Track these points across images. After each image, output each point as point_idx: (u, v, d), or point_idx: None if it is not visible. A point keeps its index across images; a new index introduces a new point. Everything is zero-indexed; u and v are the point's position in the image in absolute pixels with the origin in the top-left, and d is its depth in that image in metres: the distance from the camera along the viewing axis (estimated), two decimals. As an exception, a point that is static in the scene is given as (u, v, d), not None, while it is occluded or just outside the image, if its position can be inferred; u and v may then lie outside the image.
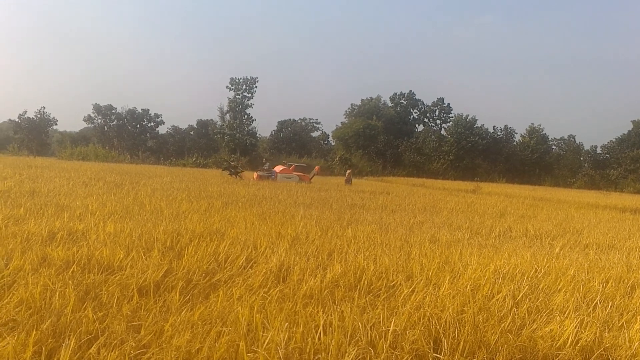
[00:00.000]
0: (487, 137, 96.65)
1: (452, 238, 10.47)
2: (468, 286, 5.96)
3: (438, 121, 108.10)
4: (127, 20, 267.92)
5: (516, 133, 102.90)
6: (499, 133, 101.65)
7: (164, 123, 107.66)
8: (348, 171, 41.94)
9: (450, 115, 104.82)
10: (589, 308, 5.58)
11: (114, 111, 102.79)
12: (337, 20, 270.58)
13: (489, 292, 5.90)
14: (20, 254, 6.21)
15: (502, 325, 4.71)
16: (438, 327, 4.57)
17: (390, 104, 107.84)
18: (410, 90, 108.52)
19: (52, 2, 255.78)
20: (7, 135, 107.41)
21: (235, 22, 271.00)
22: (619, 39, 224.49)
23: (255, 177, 35.25)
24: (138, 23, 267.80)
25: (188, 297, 5.24)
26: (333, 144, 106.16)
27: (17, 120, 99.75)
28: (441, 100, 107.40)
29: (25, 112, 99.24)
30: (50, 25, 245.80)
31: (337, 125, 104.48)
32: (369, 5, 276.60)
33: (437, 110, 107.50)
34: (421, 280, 6.21)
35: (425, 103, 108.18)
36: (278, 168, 38.25)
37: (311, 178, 37.80)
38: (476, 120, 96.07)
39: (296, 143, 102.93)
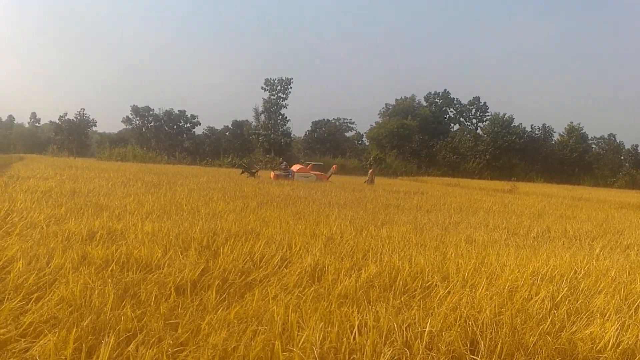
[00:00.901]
0: (525, 136, 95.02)
1: (488, 239, 10.34)
2: (505, 287, 5.88)
3: (474, 120, 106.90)
4: (164, 24, 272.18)
5: (554, 132, 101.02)
6: (536, 132, 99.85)
7: (200, 124, 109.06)
8: (370, 170, 41.02)
9: (487, 114, 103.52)
10: (631, 310, 5.44)
11: (151, 112, 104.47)
12: (370, 20, 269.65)
13: (527, 293, 5.80)
14: (61, 252, 6.36)
15: (541, 327, 4.63)
16: (475, 328, 4.52)
17: (424, 104, 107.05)
18: (445, 89, 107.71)
19: (92, 9, 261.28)
20: (48, 137, 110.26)
21: (270, 23, 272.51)
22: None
23: (272, 176, 35.37)
24: (175, 26, 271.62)
25: (224, 295, 5.29)
26: (367, 143, 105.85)
27: (57, 122, 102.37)
28: (477, 99, 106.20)
29: (66, 114, 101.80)
30: (91, 31, 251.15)
31: (371, 125, 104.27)
32: (402, 4, 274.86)
33: (474, 109, 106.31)
34: (457, 281, 6.16)
35: (461, 102, 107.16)
36: (295, 167, 38.28)
37: (329, 177, 37.64)
38: (513, 119, 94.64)
39: (330, 143, 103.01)
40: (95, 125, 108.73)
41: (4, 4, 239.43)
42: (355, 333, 4.21)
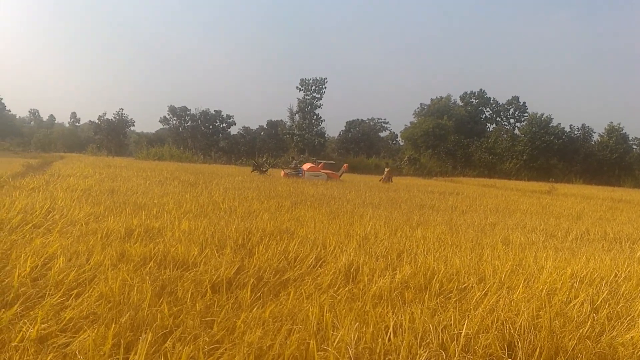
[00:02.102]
0: (563, 136, 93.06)
1: (526, 240, 10.17)
2: (544, 290, 5.77)
3: (512, 120, 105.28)
4: (202, 24, 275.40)
5: (594, 132, 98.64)
6: (575, 132, 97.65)
7: (235, 124, 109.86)
8: (386, 169, 40.22)
9: (525, 114, 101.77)
10: (674, 315, 5.29)
11: (188, 113, 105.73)
12: (406, 20, 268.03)
13: (566, 296, 5.69)
14: (100, 249, 6.49)
15: (580, 331, 4.54)
16: (512, 331, 4.45)
17: (460, 103, 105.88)
18: (481, 89, 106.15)
19: (131, 10, 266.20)
20: (88, 136, 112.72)
21: (305, 23, 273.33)
22: None
23: (282, 174, 35.39)
24: (212, 27, 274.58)
25: (259, 294, 5.33)
26: (402, 144, 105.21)
27: (97, 121, 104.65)
28: (516, 98, 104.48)
29: (105, 113, 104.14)
30: (129, 32, 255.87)
31: (405, 125, 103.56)
32: (438, 3, 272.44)
33: (512, 109, 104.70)
34: (494, 283, 6.07)
35: (498, 102, 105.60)
36: (306, 166, 38.17)
37: (340, 176, 37.39)
38: (552, 119, 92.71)
39: (364, 143, 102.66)
40: (134, 125, 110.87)
41: (46, 6, 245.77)
42: (390, 334, 4.19)
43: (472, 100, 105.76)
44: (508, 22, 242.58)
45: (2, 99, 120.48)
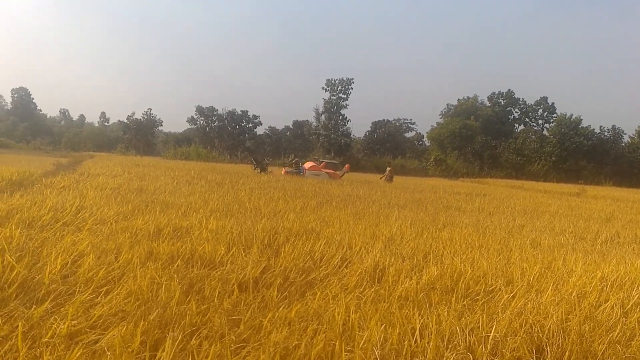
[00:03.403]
0: (593, 137, 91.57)
1: (554, 243, 10.02)
2: (573, 293, 5.68)
3: (540, 121, 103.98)
4: (229, 25, 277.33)
5: (625, 134, 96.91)
6: (605, 134, 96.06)
7: (261, 124, 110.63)
8: (388, 168, 39.68)
9: (554, 114, 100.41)
10: None
11: (215, 113, 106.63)
12: (432, 20, 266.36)
13: (596, 300, 5.59)
14: (129, 247, 6.57)
15: (610, 335, 4.46)
16: (541, 334, 4.39)
17: (487, 104, 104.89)
18: (509, 89, 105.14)
19: (158, 10, 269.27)
20: (117, 136, 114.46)
21: (331, 23, 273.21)
22: None
23: (283, 172, 35.33)
24: (238, 28, 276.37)
25: (285, 294, 5.34)
26: (428, 144, 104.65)
27: (126, 121, 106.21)
28: (544, 99, 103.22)
29: (134, 113, 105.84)
30: (158, 32, 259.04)
31: (432, 126, 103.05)
32: (464, 3, 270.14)
33: (540, 110, 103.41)
34: (522, 285, 5.99)
35: (526, 102, 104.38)
36: (307, 165, 38.07)
37: (342, 176, 37.18)
38: (581, 120, 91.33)
39: (390, 144, 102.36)
40: (162, 125, 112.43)
41: (76, 8, 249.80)
42: (416, 336, 4.17)
43: (500, 100, 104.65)
44: (537, 22, 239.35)
45: (33, 98, 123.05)
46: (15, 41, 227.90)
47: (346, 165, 43.19)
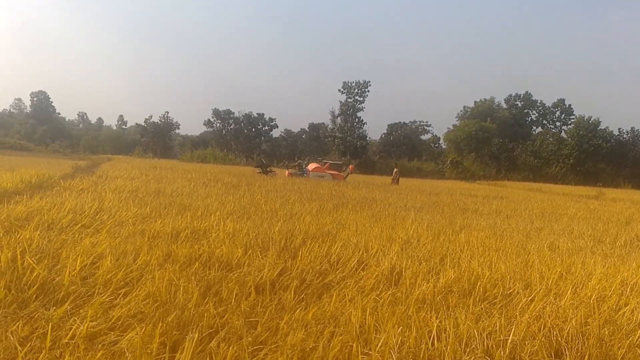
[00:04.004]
0: (612, 140, 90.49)
1: (573, 246, 9.93)
2: (592, 297, 5.62)
3: (558, 123, 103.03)
4: (246, 29, 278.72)
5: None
6: (624, 136, 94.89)
7: (277, 127, 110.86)
8: (395, 170, 39.37)
9: (572, 117, 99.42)
10: None
11: (232, 116, 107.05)
12: (448, 21, 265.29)
13: (615, 304, 5.53)
14: (147, 250, 6.61)
15: (630, 339, 4.41)
16: (560, 338, 4.36)
17: (504, 106, 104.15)
18: (527, 92, 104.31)
19: (174, 14, 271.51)
20: (134, 139, 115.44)
21: (348, 26, 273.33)
22: None
23: (287, 174, 35.27)
24: (255, 31, 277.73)
25: (302, 296, 5.35)
26: (444, 147, 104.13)
27: (143, 124, 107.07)
28: (562, 101, 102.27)
29: (151, 116, 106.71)
30: (175, 37, 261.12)
31: (448, 128, 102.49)
32: (481, 4, 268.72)
33: (558, 112, 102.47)
34: (540, 289, 5.94)
35: (544, 104, 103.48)
36: (311, 166, 37.98)
37: (345, 177, 37.03)
38: (600, 122, 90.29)
39: (406, 146, 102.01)
40: (179, 128, 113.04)
41: (95, 11, 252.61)
42: (434, 339, 4.15)
43: (518, 102, 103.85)
44: (555, 22, 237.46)
45: (52, 102, 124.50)
46: (35, 45, 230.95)
47: (350, 166, 43.15)
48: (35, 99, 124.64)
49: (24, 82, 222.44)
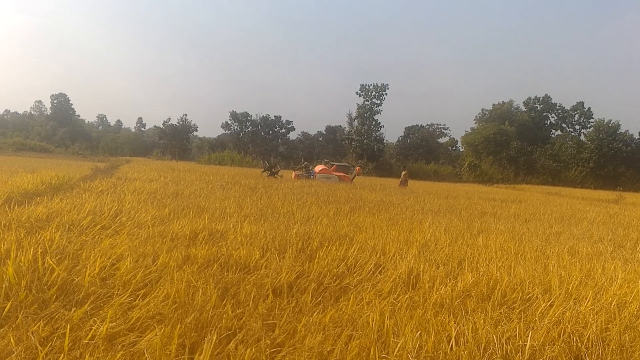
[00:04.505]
0: (632, 143, 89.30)
1: (592, 251, 9.81)
2: (613, 303, 5.55)
3: (577, 126, 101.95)
4: (263, 32, 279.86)
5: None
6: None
7: (294, 129, 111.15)
8: (403, 172, 38.91)
9: (591, 120, 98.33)
10: None
11: (249, 118, 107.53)
12: (466, 24, 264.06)
13: (637, 310, 5.45)
14: (166, 251, 6.66)
15: (652, 346, 4.35)
16: (580, 344, 4.31)
17: (523, 109, 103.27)
18: (546, 94, 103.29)
19: (192, 18, 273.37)
20: (153, 141, 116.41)
21: (365, 28, 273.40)
22: None
23: (293, 176, 35.19)
24: (272, 35, 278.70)
25: (319, 299, 5.35)
26: (462, 150, 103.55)
27: (162, 127, 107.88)
28: (581, 104, 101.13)
29: (169, 119, 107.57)
30: (193, 39, 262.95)
31: (466, 131, 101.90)
32: (499, 4, 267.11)
33: (577, 115, 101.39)
34: (560, 294, 5.88)
35: (564, 107, 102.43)
36: (318, 168, 37.87)
37: (352, 179, 36.84)
38: (619, 125, 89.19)
39: (423, 149, 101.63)
40: (196, 130, 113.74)
41: (114, 16, 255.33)
42: (452, 343, 4.13)
43: (537, 105, 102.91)
44: (575, 25, 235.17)
45: (72, 104, 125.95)
46: (55, 48, 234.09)
47: (357, 168, 43.01)
48: (55, 101, 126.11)
49: (45, 85, 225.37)
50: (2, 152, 59.20)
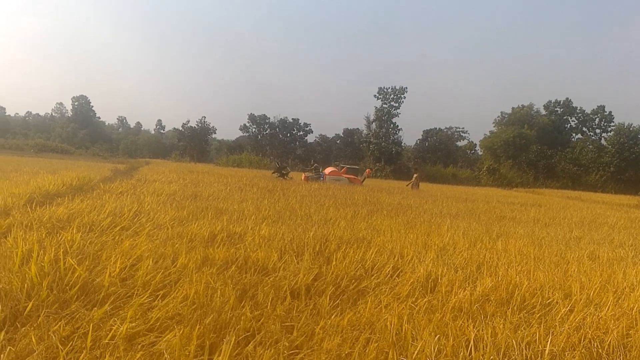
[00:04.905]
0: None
1: (613, 256, 9.68)
2: (635, 309, 5.48)
3: (598, 130, 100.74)
4: (282, 35, 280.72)
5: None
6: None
7: (312, 132, 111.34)
8: (415, 175, 38.67)
9: (612, 124, 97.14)
10: None
11: (267, 121, 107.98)
12: (485, 26, 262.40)
13: (659, 316, 5.38)
14: (185, 253, 6.70)
15: (675, 353, 4.29)
16: (600, 350, 4.26)
17: (543, 112, 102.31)
18: (567, 98, 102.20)
19: (212, 21, 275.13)
20: (172, 143, 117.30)
21: (383, 31, 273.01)
22: None
23: (303, 178, 35.13)
24: (291, 38, 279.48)
25: (337, 301, 5.35)
26: (480, 153, 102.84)
27: (181, 129, 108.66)
28: (602, 107, 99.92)
29: (188, 121, 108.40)
30: (213, 43, 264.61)
31: (485, 135, 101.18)
32: (520, 8, 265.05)
33: (597, 119, 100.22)
34: (580, 299, 5.82)
35: (584, 111, 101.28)
36: (328, 170, 37.81)
37: (362, 181, 36.69)
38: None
39: (441, 152, 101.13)
40: (215, 133, 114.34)
41: (135, 19, 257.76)
42: (471, 348, 4.10)
43: (557, 109, 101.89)
44: (597, 29, 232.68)
45: (92, 106, 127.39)
46: (77, 51, 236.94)
47: (367, 170, 42.97)
48: (76, 103, 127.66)
49: (66, 87, 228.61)
50: (24, 153, 60.07)
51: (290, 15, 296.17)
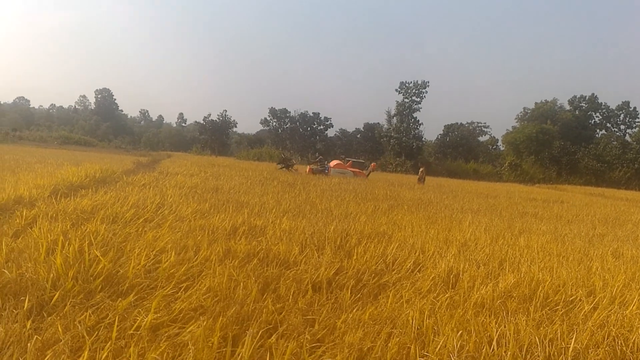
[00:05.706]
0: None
1: (638, 253, 9.55)
2: (660, 307, 5.40)
3: (622, 126, 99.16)
4: (302, 31, 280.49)
5: None
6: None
7: (332, 126, 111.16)
8: (421, 169, 38.27)
9: (637, 120, 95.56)
10: None
11: (288, 115, 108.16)
12: (509, 20, 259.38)
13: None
14: (207, 245, 6.75)
15: (700, 352, 4.22)
16: (625, 348, 4.22)
17: (567, 108, 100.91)
18: (593, 93, 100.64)
19: (234, 17, 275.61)
20: (193, 136, 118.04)
21: (406, 27, 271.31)
22: None
23: (307, 170, 35.05)
24: (312, 35, 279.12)
25: (358, 295, 5.36)
26: (502, 149, 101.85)
27: (202, 122, 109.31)
28: (626, 103, 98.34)
29: (210, 115, 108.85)
30: (234, 38, 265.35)
31: (507, 130, 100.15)
32: (547, 2, 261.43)
33: (622, 115, 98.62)
34: (604, 297, 5.75)
35: (609, 107, 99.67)
36: (333, 163, 37.74)
37: (367, 175, 36.50)
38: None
39: (463, 147, 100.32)
40: (236, 126, 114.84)
41: (158, 13, 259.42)
42: (493, 344, 4.08)
43: (582, 104, 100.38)
44: (623, 23, 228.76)
45: (115, 99, 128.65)
46: (100, 44, 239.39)
47: (372, 164, 42.91)
48: (99, 96, 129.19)
49: (89, 80, 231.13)
50: (48, 145, 60.93)
51: (313, 11, 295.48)
